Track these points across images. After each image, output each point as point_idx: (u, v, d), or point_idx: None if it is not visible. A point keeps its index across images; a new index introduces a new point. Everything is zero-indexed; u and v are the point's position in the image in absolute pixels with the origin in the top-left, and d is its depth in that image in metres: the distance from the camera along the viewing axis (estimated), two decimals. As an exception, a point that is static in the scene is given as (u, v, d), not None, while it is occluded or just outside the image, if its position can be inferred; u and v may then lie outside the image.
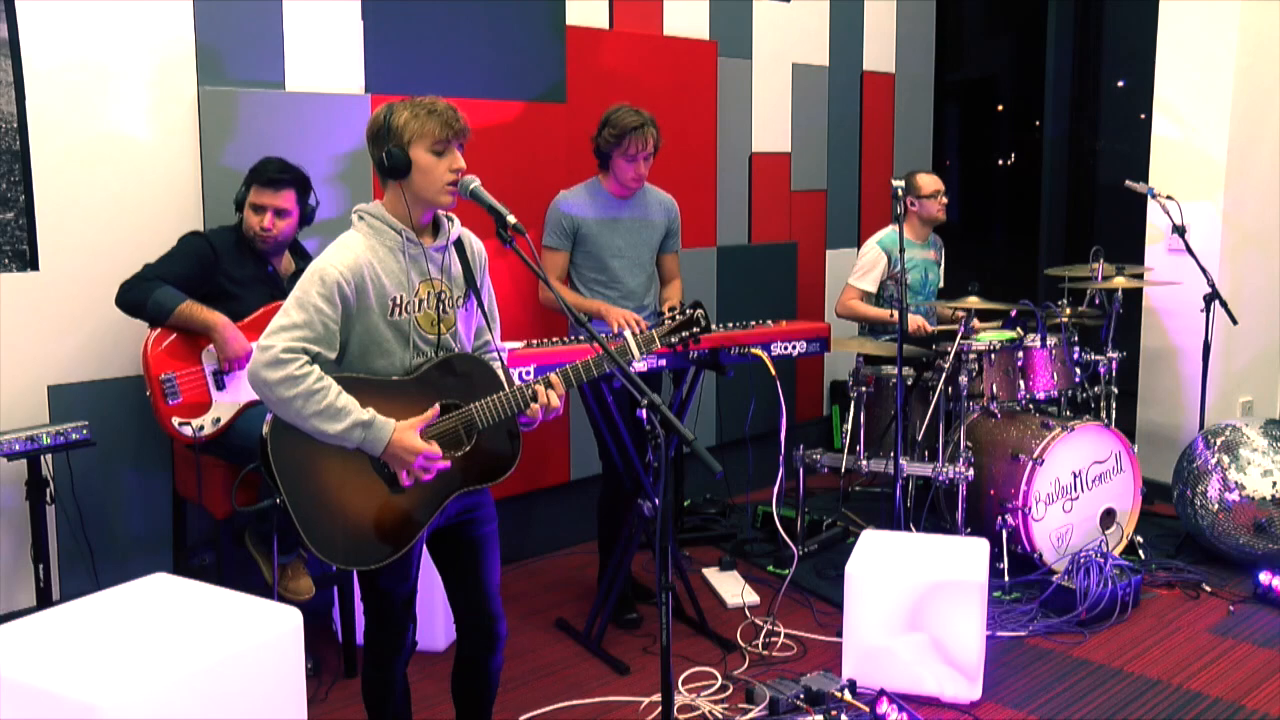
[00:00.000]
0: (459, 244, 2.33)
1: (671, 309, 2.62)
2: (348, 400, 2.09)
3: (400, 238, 2.21)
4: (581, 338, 3.11)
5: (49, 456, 2.98)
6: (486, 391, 2.26)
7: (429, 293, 2.25)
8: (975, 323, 4.12)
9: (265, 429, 2.14)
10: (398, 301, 2.20)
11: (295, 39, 3.50)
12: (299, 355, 2.07)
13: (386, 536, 2.19)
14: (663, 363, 3.40)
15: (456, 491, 2.27)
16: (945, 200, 4.51)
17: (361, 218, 2.23)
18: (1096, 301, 4.48)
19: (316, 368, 2.09)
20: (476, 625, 2.40)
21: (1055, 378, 4.09)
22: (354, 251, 2.17)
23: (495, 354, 2.40)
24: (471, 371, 2.30)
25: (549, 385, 2.28)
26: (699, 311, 2.60)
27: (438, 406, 2.21)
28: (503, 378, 2.32)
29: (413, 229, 2.23)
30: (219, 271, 3.07)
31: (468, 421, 2.24)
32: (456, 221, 2.34)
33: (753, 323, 3.73)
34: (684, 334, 2.58)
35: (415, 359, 2.24)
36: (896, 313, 3.84)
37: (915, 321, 4.15)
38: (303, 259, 3.30)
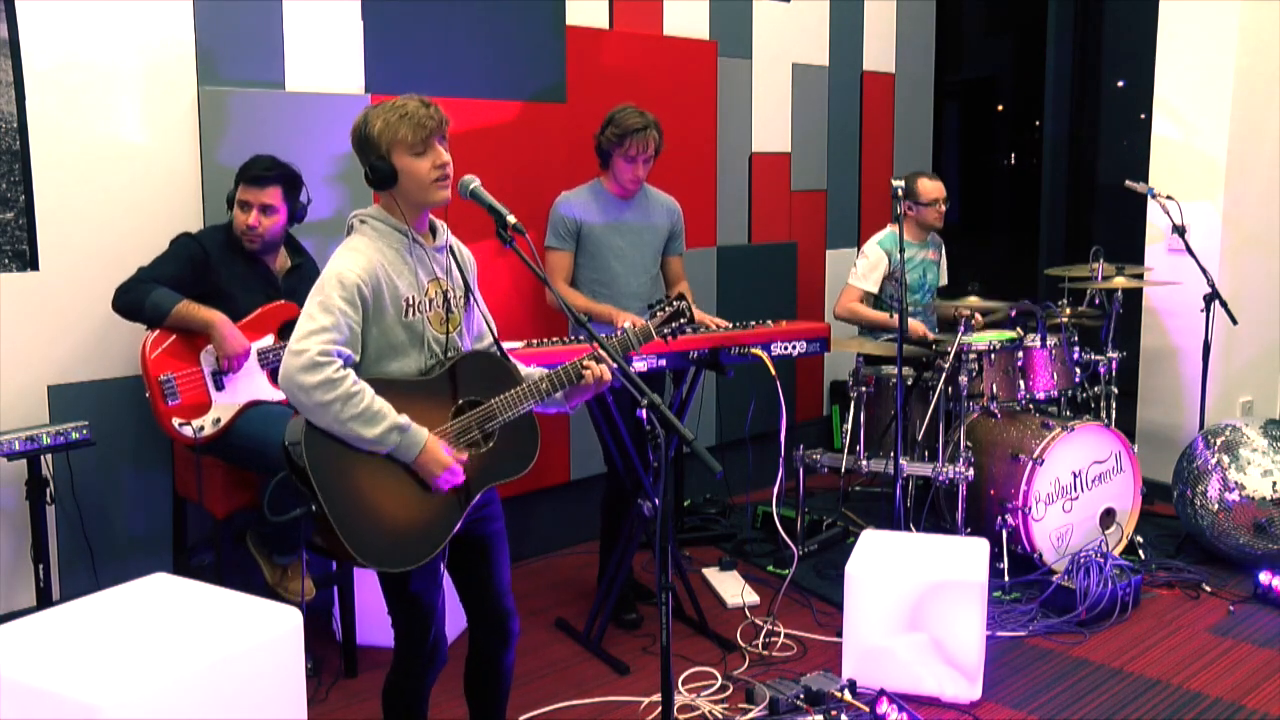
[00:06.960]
0: (451, 249, 2.33)
1: (658, 301, 2.60)
2: (383, 404, 2.07)
3: (406, 238, 2.20)
4: (582, 338, 3.10)
5: (49, 456, 2.98)
6: (504, 386, 2.26)
7: (437, 292, 2.25)
8: (978, 318, 4.11)
9: (290, 436, 2.10)
10: (410, 302, 2.19)
11: (295, 39, 3.50)
12: (334, 359, 2.04)
13: (422, 535, 2.17)
14: (663, 363, 3.40)
15: (485, 487, 2.27)
16: (944, 208, 4.47)
17: (364, 222, 2.21)
18: (1096, 301, 4.48)
19: (351, 371, 2.07)
20: (489, 623, 2.40)
21: (1055, 378, 4.09)
22: (365, 255, 2.14)
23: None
24: (487, 368, 2.29)
25: (598, 360, 2.30)
26: (682, 304, 2.57)
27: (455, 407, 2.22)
28: (512, 371, 2.33)
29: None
30: (212, 272, 3.07)
31: (490, 418, 2.24)
32: (446, 227, 2.33)
33: (753, 323, 3.72)
34: (673, 325, 2.57)
35: (428, 360, 2.24)
36: (896, 316, 3.82)
37: (918, 329, 4.13)
38: (298, 254, 3.30)
